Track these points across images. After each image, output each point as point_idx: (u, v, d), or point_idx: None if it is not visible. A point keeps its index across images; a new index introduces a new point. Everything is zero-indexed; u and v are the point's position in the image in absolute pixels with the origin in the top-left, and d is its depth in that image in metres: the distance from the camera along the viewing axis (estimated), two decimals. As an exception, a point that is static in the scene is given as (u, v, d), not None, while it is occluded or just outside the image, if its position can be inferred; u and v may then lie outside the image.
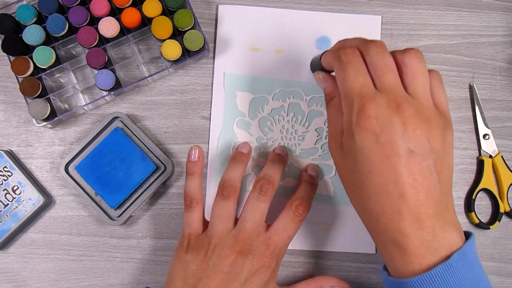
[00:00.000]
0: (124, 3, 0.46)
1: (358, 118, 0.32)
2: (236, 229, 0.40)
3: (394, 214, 0.32)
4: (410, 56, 0.34)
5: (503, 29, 0.51)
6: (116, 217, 0.45)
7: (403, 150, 0.31)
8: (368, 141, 0.32)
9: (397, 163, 0.31)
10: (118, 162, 0.45)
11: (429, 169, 0.32)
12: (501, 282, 0.48)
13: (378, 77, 0.33)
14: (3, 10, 0.46)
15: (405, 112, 0.31)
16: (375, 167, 0.32)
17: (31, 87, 0.45)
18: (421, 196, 0.31)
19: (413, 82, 0.33)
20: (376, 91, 0.33)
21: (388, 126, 0.31)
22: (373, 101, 0.32)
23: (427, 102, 0.33)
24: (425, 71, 0.34)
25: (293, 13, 0.50)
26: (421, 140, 0.32)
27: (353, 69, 0.33)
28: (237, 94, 0.48)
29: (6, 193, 0.46)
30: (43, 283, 0.46)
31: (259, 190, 0.41)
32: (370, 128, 0.31)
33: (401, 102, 0.32)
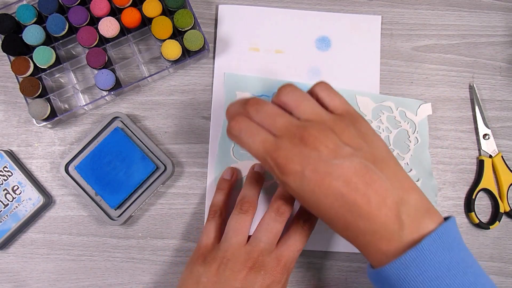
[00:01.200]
0: (124, 3, 0.46)
1: (279, 171, 0.34)
2: (250, 246, 0.40)
3: (357, 220, 0.33)
4: (284, 94, 0.36)
5: (503, 29, 0.51)
6: (116, 217, 0.45)
7: (329, 168, 0.32)
8: (298, 181, 0.33)
9: (331, 180, 0.32)
10: (118, 162, 0.45)
11: (362, 166, 0.33)
12: (501, 282, 0.48)
13: (270, 127, 0.35)
14: (3, 10, 0.46)
15: (308, 139, 0.33)
16: (318, 195, 0.33)
17: (31, 87, 0.45)
18: (369, 192, 0.32)
19: (300, 111, 0.35)
20: (276, 138, 0.34)
21: (304, 159, 0.33)
22: (279, 149, 0.34)
23: (321, 116, 0.35)
24: (302, 97, 0.36)
25: (293, 13, 0.50)
26: (338, 148, 0.33)
27: (248, 136, 0.35)
28: (237, 94, 0.48)
29: (6, 193, 0.46)
30: (43, 283, 0.46)
31: (276, 211, 0.41)
32: (293, 171, 0.33)
33: (300, 134, 0.33)
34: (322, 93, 0.37)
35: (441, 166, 0.49)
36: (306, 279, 0.47)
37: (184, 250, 0.47)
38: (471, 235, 0.48)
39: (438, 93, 0.50)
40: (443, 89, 0.50)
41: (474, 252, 0.48)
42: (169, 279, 0.47)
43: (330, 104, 0.37)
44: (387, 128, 0.49)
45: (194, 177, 0.48)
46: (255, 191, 0.44)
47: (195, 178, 0.48)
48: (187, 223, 0.47)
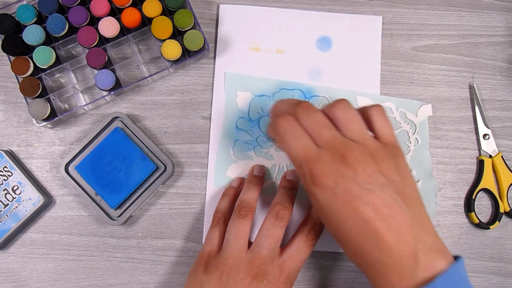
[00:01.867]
0: (124, 3, 0.46)
1: (311, 180, 0.34)
2: (251, 253, 0.40)
3: (373, 249, 0.33)
4: (337, 108, 0.36)
5: (503, 29, 0.51)
6: (116, 217, 0.45)
7: (361, 192, 0.32)
8: (327, 196, 0.33)
9: (359, 205, 0.32)
10: (118, 162, 0.45)
11: (392, 198, 0.33)
12: (501, 282, 0.48)
13: (316, 136, 0.35)
14: (3, 10, 0.46)
15: (349, 158, 0.33)
16: (342, 215, 0.33)
17: (31, 87, 0.45)
18: (393, 225, 0.32)
19: (348, 130, 0.35)
20: (318, 149, 0.34)
21: (339, 177, 0.33)
22: (318, 160, 0.34)
23: (367, 141, 0.35)
24: (354, 117, 0.36)
25: (294, 13, 0.50)
26: (374, 176, 0.33)
27: (291, 137, 0.35)
28: (238, 93, 0.48)
29: (6, 193, 0.46)
30: (43, 283, 0.46)
31: (275, 216, 0.41)
32: (324, 185, 0.33)
33: (343, 152, 0.34)
34: (376, 117, 0.37)
35: (441, 166, 0.49)
36: (306, 279, 0.47)
37: (184, 250, 0.47)
38: (471, 235, 0.48)
39: (438, 93, 0.50)
40: (443, 89, 0.50)
41: (474, 252, 0.48)
42: (169, 279, 0.47)
43: (379, 131, 0.36)
44: None
45: (194, 177, 0.48)
46: (253, 195, 0.43)
47: (195, 178, 0.48)
48: (187, 223, 0.47)
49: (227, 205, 0.45)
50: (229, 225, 0.42)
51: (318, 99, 0.48)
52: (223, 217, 0.44)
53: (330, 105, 0.36)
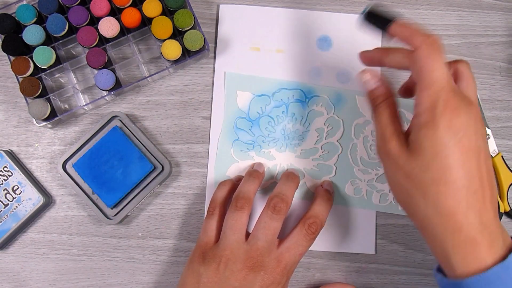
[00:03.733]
0: (124, 3, 0.46)
1: (443, 112, 0.32)
2: (248, 245, 0.40)
3: (470, 210, 0.31)
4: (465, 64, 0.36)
5: (503, 29, 0.51)
6: (112, 216, 0.45)
7: (477, 147, 0.32)
8: (451, 135, 0.31)
9: (478, 158, 0.32)
10: (115, 161, 0.45)
11: (491, 169, 0.33)
12: (501, 282, 0.48)
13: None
14: (3, 10, 0.46)
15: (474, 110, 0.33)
16: (456, 160, 0.31)
17: (31, 87, 0.45)
18: (489, 193, 0.32)
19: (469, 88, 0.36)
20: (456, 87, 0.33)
21: (466, 124, 0.32)
22: (462, 109, 0.32)
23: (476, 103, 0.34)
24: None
25: (294, 13, 0.50)
26: (484, 137, 0.33)
27: (441, 58, 0.33)
28: (238, 93, 0.48)
29: (6, 193, 0.46)
30: (43, 283, 0.46)
31: (273, 209, 0.41)
32: (453, 124, 0.32)
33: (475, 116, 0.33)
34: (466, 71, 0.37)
35: (441, 166, 0.49)
36: (306, 279, 0.47)
37: (184, 250, 0.47)
38: (471, 235, 0.48)
39: (438, 93, 0.50)
40: (443, 89, 0.50)
41: (474, 252, 0.48)
42: (169, 279, 0.47)
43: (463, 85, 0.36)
44: None
45: (194, 177, 0.48)
46: (251, 187, 0.43)
47: (195, 178, 0.48)
48: (187, 223, 0.47)
49: (223, 195, 0.44)
50: (226, 217, 0.41)
51: (318, 99, 0.48)
52: (218, 207, 0.43)
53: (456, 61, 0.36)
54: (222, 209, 0.43)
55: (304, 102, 0.48)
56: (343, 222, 0.47)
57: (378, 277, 0.47)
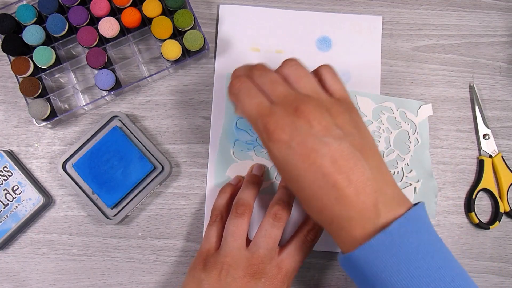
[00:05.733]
0: (124, 3, 0.46)
1: (267, 135, 0.34)
2: (249, 252, 0.40)
3: (333, 204, 0.33)
4: (287, 67, 0.37)
5: (503, 29, 0.51)
6: (112, 216, 0.45)
7: (317, 144, 0.32)
8: (283, 150, 0.33)
9: (316, 157, 0.32)
10: (115, 161, 0.45)
11: (349, 151, 0.33)
12: (501, 282, 0.48)
13: (269, 93, 0.35)
14: (3, 10, 0.46)
15: (304, 111, 0.33)
16: (300, 169, 0.33)
17: (31, 87, 0.45)
18: (353, 177, 0.32)
19: (300, 85, 0.36)
20: (272, 104, 0.35)
21: (294, 130, 0.33)
22: (271, 114, 0.34)
23: (320, 95, 0.36)
24: (305, 73, 0.37)
25: (294, 13, 0.50)
26: (330, 128, 0.33)
27: (245, 95, 0.36)
28: None
29: (6, 193, 0.46)
30: (43, 283, 0.46)
31: (274, 217, 0.41)
32: (279, 139, 0.33)
33: (297, 105, 0.34)
34: (327, 75, 0.38)
35: (441, 166, 0.49)
36: (306, 279, 0.47)
37: (184, 250, 0.47)
38: (471, 235, 0.48)
39: (438, 93, 0.50)
40: (443, 89, 0.50)
41: (474, 252, 0.48)
42: (169, 279, 0.47)
43: (331, 87, 0.37)
44: (388, 129, 0.49)
45: (194, 177, 0.48)
46: (251, 193, 0.43)
47: (195, 178, 0.48)
48: (187, 223, 0.47)
49: (224, 203, 0.44)
50: (227, 224, 0.42)
51: None
52: (220, 215, 0.43)
53: (280, 66, 0.37)
54: (223, 216, 0.44)
55: None
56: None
57: (378, 277, 0.47)
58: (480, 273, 0.48)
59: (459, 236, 0.48)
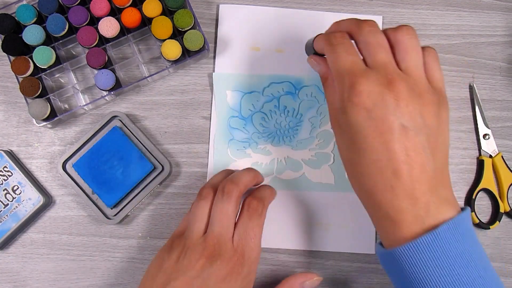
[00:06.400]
0: (124, 3, 0.46)
1: (349, 95, 0.32)
2: (206, 234, 0.39)
3: (387, 190, 0.32)
4: (402, 33, 0.34)
5: (503, 29, 0.51)
6: (112, 216, 0.45)
7: (395, 126, 0.31)
8: (361, 117, 0.32)
9: (390, 139, 0.31)
10: (115, 161, 0.45)
11: (422, 145, 0.32)
12: (501, 282, 0.48)
13: (369, 55, 0.34)
14: (3, 10, 0.46)
15: (396, 88, 0.32)
16: (368, 143, 0.32)
17: (31, 87, 0.45)
18: (415, 172, 0.31)
19: (406, 58, 0.34)
20: (367, 68, 0.33)
21: (380, 102, 0.31)
22: (363, 77, 0.32)
23: (420, 78, 0.34)
24: (417, 47, 0.34)
25: (294, 13, 0.50)
26: (414, 115, 0.32)
27: (343, 49, 0.34)
28: (227, 93, 0.48)
29: (6, 193, 0.46)
30: (43, 283, 0.46)
31: (222, 192, 0.39)
32: (361, 104, 0.32)
33: (392, 78, 0.32)
34: (432, 59, 0.35)
35: (441, 166, 0.49)
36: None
37: (184, 250, 0.47)
38: (471, 235, 0.48)
39: (438, 93, 0.50)
40: (443, 89, 0.50)
41: (474, 252, 0.48)
42: (169, 279, 0.47)
43: (432, 73, 0.35)
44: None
45: (194, 177, 0.48)
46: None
47: (195, 178, 0.48)
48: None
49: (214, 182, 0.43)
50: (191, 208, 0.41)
51: (308, 89, 0.48)
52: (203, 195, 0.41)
53: (395, 28, 0.35)
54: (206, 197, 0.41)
55: (295, 94, 0.48)
56: (343, 222, 0.47)
57: (378, 277, 0.47)
58: (480, 273, 0.48)
59: (459, 236, 0.48)
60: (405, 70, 0.33)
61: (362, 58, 0.34)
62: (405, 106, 0.31)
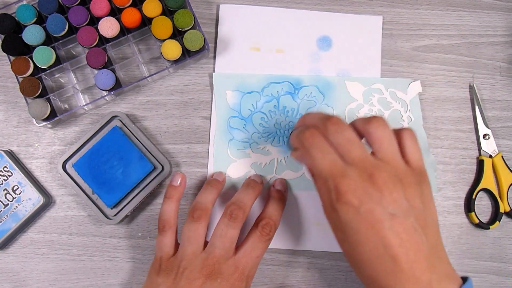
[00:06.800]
0: (124, 3, 0.46)
1: (336, 196, 0.33)
2: (205, 253, 0.40)
3: (389, 275, 0.32)
4: (373, 125, 0.35)
5: (503, 29, 0.51)
6: (112, 216, 0.45)
7: (384, 215, 0.32)
8: (350, 214, 0.33)
9: (381, 228, 0.32)
10: (115, 161, 0.45)
11: (413, 227, 0.32)
12: (501, 282, 0.48)
13: (344, 154, 0.34)
14: (3, 10, 0.46)
15: (378, 180, 0.33)
16: (362, 236, 0.33)
17: (31, 87, 0.45)
18: (411, 253, 0.32)
19: (380, 149, 0.35)
20: (346, 165, 0.34)
21: (365, 196, 0.32)
22: (345, 177, 0.33)
23: (397, 164, 0.35)
24: (390, 136, 0.35)
25: (294, 13, 0.50)
26: (399, 201, 0.33)
27: (317, 151, 0.35)
28: (227, 93, 0.48)
29: (6, 193, 0.46)
30: (43, 283, 0.46)
31: (229, 216, 0.40)
32: (349, 203, 0.33)
33: (372, 171, 0.33)
34: (408, 141, 0.36)
35: (441, 166, 0.49)
36: (306, 279, 0.47)
37: (184, 250, 0.47)
38: (471, 235, 0.48)
39: (438, 93, 0.50)
40: (443, 89, 0.50)
41: (474, 252, 0.48)
42: (169, 279, 0.47)
43: (410, 155, 0.36)
44: (380, 110, 0.49)
45: (194, 177, 0.48)
46: (209, 197, 0.43)
47: (195, 179, 0.48)
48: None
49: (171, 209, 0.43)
50: (184, 228, 0.41)
51: (307, 89, 0.48)
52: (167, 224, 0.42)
53: (365, 120, 0.35)
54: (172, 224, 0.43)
55: (294, 94, 0.49)
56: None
57: (378, 277, 0.47)
58: (480, 273, 0.48)
59: (459, 236, 0.48)
60: (382, 159, 0.34)
61: (338, 155, 0.35)
62: (389, 195, 0.32)
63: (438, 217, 0.36)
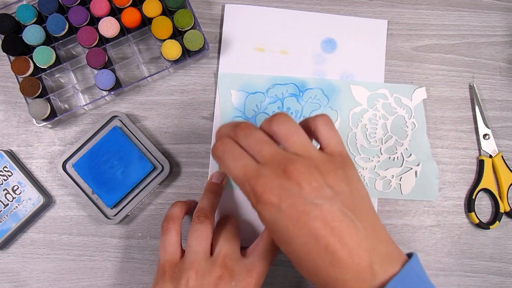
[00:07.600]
0: (124, 3, 0.46)
1: (255, 198, 0.32)
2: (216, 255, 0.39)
3: (327, 267, 0.31)
4: (275, 123, 0.34)
5: (503, 29, 0.51)
6: (112, 216, 0.45)
7: (308, 207, 0.31)
8: (273, 213, 0.32)
9: (307, 220, 0.31)
10: (115, 161, 0.45)
11: (341, 212, 0.31)
12: (501, 282, 0.48)
13: (256, 154, 0.34)
14: (3, 10, 0.46)
15: (293, 172, 0.32)
16: (291, 232, 0.32)
17: (31, 87, 0.45)
18: (345, 240, 0.31)
19: (289, 144, 0.34)
20: (259, 166, 0.33)
21: (283, 192, 0.31)
22: (259, 177, 0.32)
23: (311, 153, 0.34)
24: (295, 129, 0.34)
25: (299, 14, 0.50)
26: (321, 189, 0.32)
27: (229, 158, 0.34)
28: (232, 93, 0.48)
29: (6, 193, 0.46)
30: (43, 283, 0.46)
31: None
32: (269, 202, 0.32)
33: (285, 166, 0.32)
34: (322, 127, 0.35)
35: (441, 166, 0.49)
36: (306, 279, 0.47)
37: (184, 250, 0.47)
38: (471, 235, 0.48)
39: (438, 93, 0.50)
40: (443, 89, 0.50)
41: (474, 252, 0.48)
42: (169, 279, 0.47)
43: (325, 142, 0.35)
44: (384, 116, 0.49)
45: (194, 177, 0.48)
46: (210, 202, 0.43)
47: (195, 178, 0.48)
48: (187, 223, 0.47)
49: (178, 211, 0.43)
50: (190, 232, 0.41)
51: (312, 92, 0.49)
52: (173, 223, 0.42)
53: (267, 120, 0.35)
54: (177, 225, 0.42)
55: (299, 96, 0.49)
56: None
57: (378, 277, 0.47)
58: (480, 273, 0.48)
59: (459, 236, 0.48)
60: (295, 153, 0.33)
61: (251, 158, 0.34)
62: (308, 185, 0.31)
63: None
